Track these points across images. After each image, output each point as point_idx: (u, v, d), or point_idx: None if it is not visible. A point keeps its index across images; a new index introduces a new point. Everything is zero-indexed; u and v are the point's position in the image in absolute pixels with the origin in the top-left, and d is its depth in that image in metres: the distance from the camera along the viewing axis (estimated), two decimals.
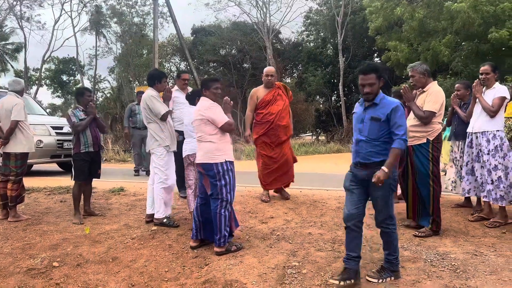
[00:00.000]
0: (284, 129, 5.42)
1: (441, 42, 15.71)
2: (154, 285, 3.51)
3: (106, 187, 6.69)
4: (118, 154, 15.18)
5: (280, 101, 5.41)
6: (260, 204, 5.46)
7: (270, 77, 5.40)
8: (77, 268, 3.83)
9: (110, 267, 3.84)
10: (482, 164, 4.38)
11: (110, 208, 5.66)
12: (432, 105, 4.12)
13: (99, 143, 5.18)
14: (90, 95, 5.24)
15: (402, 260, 3.60)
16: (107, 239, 4.45)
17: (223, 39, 29.56)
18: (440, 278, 3.26)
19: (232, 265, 3.70)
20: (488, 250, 3.73)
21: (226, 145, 3.99)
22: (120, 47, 32.86)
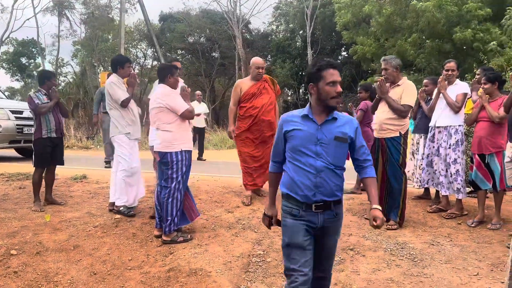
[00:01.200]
0: (268, 125, 5.03)
1: (406, 41, 16.10)
2: (117, 274, 3.46)
3: (68, 174, 6.49)
4: (80, 140, 14.77)
5: (265, 94, 5.05)
6: (227, 194, 5.46)
7: (261, 70, 5.02)
8: (37, 256, 3.71)
9: (71, 255, 3.76)
10: (441, 158, 4.54)
11: (72, 195, 5.51)
12: (411, 99, 4.22)
13: (62, 129, 5.04)
14: (54, 79, 5.07)
15: (363, 249, 3.73)
16: (68, 227, 4.34)
17: (192, 27, 29.13)
18: (399, 266, 3.39)
19: (197, 254, 3.71)
20: (445, 240, 3.91)
21: (184, 134, 3.98)
22: (84, 30, 31.79)
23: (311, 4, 24.44)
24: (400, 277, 3.19)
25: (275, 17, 31.14)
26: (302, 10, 25.71)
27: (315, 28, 25.77)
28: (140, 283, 3.31)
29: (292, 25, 29.29)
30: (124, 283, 3.32)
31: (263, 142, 5.08)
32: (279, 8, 30.48)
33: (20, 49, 34.74)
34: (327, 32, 26.87)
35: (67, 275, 3.43)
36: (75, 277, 3.41)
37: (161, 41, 29.54)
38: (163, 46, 30.23)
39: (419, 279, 3.16)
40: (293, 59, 28.16)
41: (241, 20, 27.35)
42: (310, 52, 24.99)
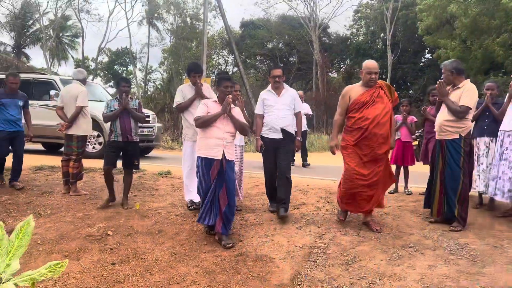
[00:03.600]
0: (381, 140, 4.22)
1: (494, 42, 15.21)
2: (194, 255, 3.94)
3: (155, 170, 7.26)
4: (166, 142, 16.05)
5: (379, 103, 4.23)
6: (295, 192, 5.78)
7: (375, 75, 4.26)
8: (128, 237, 4.35)
9: (156, 238, 4.33)
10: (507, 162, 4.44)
11: (157, 188, 6.20)
12: (469, 101, 4.23)
13: (130, 134, 5.13)
14: (126, 85, 5.17)
15: (423, 247, 3.85)
16: (154, 215, 4.96)
17: (271, 33, 29.89)
18: (456, 264, 3.48)
19: (263, 242, 4.09)
20: (509, 243, 3.87)
21: (203, 141, 4.13)
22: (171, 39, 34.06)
23: (391, 7, 23.89)
24: (456, 274, 3.29)
25: (355, 20, 30.83)
26: (382, 12, 25.21)
27: (396, 30, 25.09)
28: (213, 264, 3.75)
29: (372, 28, 28.80)
30: (200, 263, 3.78)
31: (373, 160, 4.26)
32: (359, 11, 30.12)
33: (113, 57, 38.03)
34: (409, 34, 26.02)
35: (153, 254, 3.98)
36: (159, 255, 3.95)
37: (241, 47, 30.71)
38: (243, 52, 31.40)
39: (475, 277, 3.23)
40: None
41: (319, 25, 27.45)
42: (390, 55, 24.40)
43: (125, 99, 5.07)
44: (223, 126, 4.13)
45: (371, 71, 4.25)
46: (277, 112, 4.84)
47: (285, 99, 4.90)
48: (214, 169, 4.08)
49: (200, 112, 4.13)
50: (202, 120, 4.08)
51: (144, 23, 33.37)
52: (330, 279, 3.38)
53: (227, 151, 4.13)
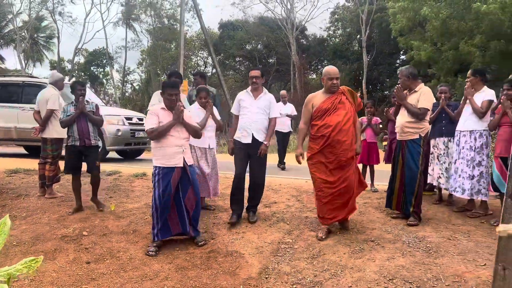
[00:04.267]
0: (345, 147, 4.17)
1: (467, 43, 15.72)
2: (167, 253, 4.10)
3: (131, 172, 7.36)
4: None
5: (341, 110, 4.20)
6: (267, 191, 5.98)
7: (336, 81, 4.24)
8: (103, 237, 4.47)
9: (130, 238, 4.47)
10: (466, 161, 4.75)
11: (133, 190, 6.31)
12: (427, 103, 4.51)
13: (88, 138, 5.10)
14: (81, 88, 5.14)
15: (383, 241, 4.10)
16: (129, 215, 5.09)
17: (250, 34, 30.10)
18: (413, 256, 3.73)
19: (234, 239, 4.28)
20: (463, 236, 4.16)
21: (160, 151, 4.09)
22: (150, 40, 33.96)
23: (366, 9, 24.40)
24: (411, 265, 3.54)
25: (332, 22, 31.30)
26: (358, 14, 25.72)
27: (372, 32, 25.63)
28: (185, 260, 3.93)
29: (349, 30, 29.29)
30: (172, 260, 3.95)
31: (339, 167, 4.21)
32: (336, 13, 30.61)
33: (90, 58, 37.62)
34: (384, 36, 26.55)
35: (127, 253, 4.12)
36: (133, 254, 4.09)
37: (220, 48, 30.83)
38: (222, 53, 31.52)
39: (428, 267, 3.49)
40: (351, 64, 28.16)
41: (296, 27, 27.80)
42: (366, 57, 24.90)
43: (81, 102, 5.02)
44: (178, 134, 4.14)
45: (332, 76, 4.24)
46: (251, 115, 4.75)
47: (261, 103, 4.81)
48: (176, 177, 4.08)
49: (152, 123, 4.06)
50: (158, 132, 4.03)
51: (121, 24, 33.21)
52: (295, 272, 3.59)
53: (186, 156, 4.19)
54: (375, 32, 25.99)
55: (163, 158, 4.09)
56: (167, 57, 31.75)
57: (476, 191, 4.66)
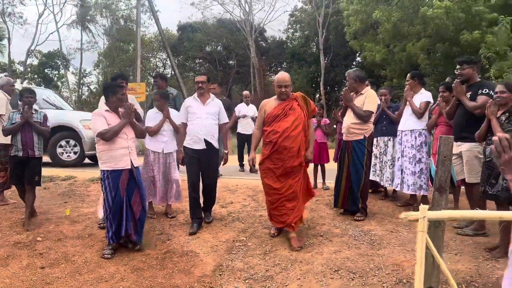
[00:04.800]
0: (291, 153, 4.13)
1: (414, 46, 16.51)
2: (123, 255, 4.15)
3: (86, 177, 7.30)
4: None
5: (291, 116, 4.17)
6: (224, 192, 6.13)
7: (285, 89, 4.20)
8: (58, 242, 4.46)
9: (86, 241, 4.48)
10: (407, 158, 5.09)
11: (88, 194, 6.27)
12: (371, 106, 4.80)
13: (32, 149, 4.89)
14: (29, 96, 4.94)
15: (332, 235, 4.34)
16: (84, 220, 5.08)
17: (209, 36, 30.12)
18: (358, 248, 3.99)
19: (190, 240, 4.40)
20: (404, 228, 4.47)
21: (108, 154, 4.05)
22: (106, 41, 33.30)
23: (322, 12, 25.00)
24: (356, 257, 3.79)
25: (291, 25, 31.83)
26: (315, 17, 26.30)
27: (329, 35, 26.29)
28: (140, 262, 4.00)
29: (307, 32, 29.89)
30: (128, 262, 4.01)
31: (286, 174, 4.19)
32: (294, 16, 31.16)
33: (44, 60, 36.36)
34: (340, 39, 27.30)
35: (82, 256, 4.14)
36: (88, 257, 4.12)
37: (179, 50, 30.67)
38: (181, 55, 31.37)
39: (371, 258, 3.75)
40: (309, 65, 28.76)
41: (255, 29, 28.09)
42: (323, 59, 25.52)
43: (27, 111, 4.81)
44: (125, 135, 4.15)
45: (281, 84, 4.21)
46: (200, 121, 4.68)
47: (210, 108, 4.77)
48: (124, 179, 4.11)
49: (103, 125, 4.03)
50: (112, 133, 4.01)
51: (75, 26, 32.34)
52: (248, 268, 3.76)
53: (133, 158, 4.21)
54: (331, 34, 26.67)
55: (110, 161, 4.07)
56: (124, 58, 31.23)
57: (418, 186, 5.00)
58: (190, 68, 33.51)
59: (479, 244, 3.98)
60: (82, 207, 5.60)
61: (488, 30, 13.30)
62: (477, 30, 13.71)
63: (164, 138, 5.10)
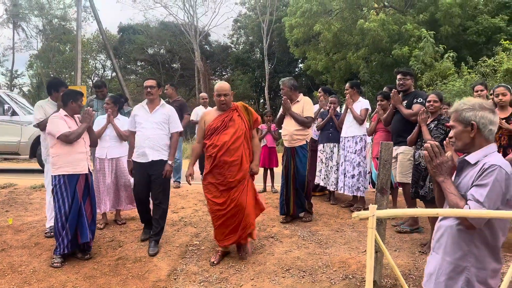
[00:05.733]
0: (233, 168, 3.92)
1: (354, 55, 17.37)
2: (73, 264, 4.07)
3: (28, 184, 7.00)
4: None
5: (231, 128, 3.96)
6: (175, 197, 6.15)
7: (224, 97, 3.98)
8: (2, 252, 4.28)
9: (33, 251, 4.34)
10: (349, 162, 5.43)
11: (31, 202, 6.03)
12: (311, 112, 5.05)
13: None
14: None
15: (282, 236, 4.54)
16: (29, 229, 4.90)
17: (152, 39, 29.62)
18: (307, 248, 4.22)
19: (142, 246, 4.41)
20: (348, 228, 4.79)
21: (63, 158, 4.00)
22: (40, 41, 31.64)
23: (267, 19, 25.48)
24: (305, 256, 4.01)
25: (235, 30, 32.10)
26: (259, 24, 26.74)
27: (273, 41, 26.85)
28: (92, 269, 3.96)
29: (251, 38, 30.29)
30: (79, 270, 3.95)
31: (228, 188, 3.97)
32: (238, 21, 31.47)
33: None
34: (284, 46, 27.96)
35: (30, 266, 4.02)
36: (36, 267, 4.00)
37: (120, 52, 29.88)
38: (122, 57, 30.57)
39: (319, 256, 3.99)
40: (253, 71, 29.16)
41: (199, 33, 28.05)
42: (267, 65, 26.02)
43: None
44: (83, 140, 4.14)
45: (220, 93, 3.99)
46: (145, 131, 4.33)
47: (157, 117, 4.39)
48: (81, 184, 4.07)
49: (64, 127, 3.98)
50: (76, 134, 3.99)
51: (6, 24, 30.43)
52: (202, 271, 3.86)
53: (89, 163, 4.22)
54: (275, 41, 27.25)
55: (68, 165, 4.01)
56: (60, 60, 29.85)
57: (356, 188, 5.36)
58: (132, 70, 32.76)
59: (415, 241, 4.36)
60: (25, 215, 5.38)
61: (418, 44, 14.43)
62: (407, 45, 14.81)
63: (107, 143, 5.00)
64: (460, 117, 1.97)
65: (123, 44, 30.35)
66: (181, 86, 32.05)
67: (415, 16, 15.88)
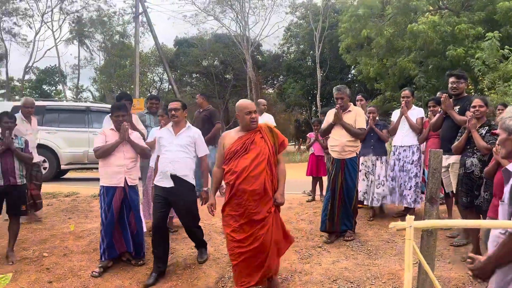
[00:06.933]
0: (255, 197, 3.38)
1: (406, 59, 16.88)
2: (128, 269, 4.29)
3: (89, 193, 7.43)
4: None
5: (252, 152, 3.44)
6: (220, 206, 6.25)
7: (255, 114, 3.52)
8: (64, 257, 4.59)
9: (91, 256, 4.61)
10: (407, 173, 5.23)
11: (91, 210, 6.40)
12: (364, 123, 4.83)
13: (14, 177, 4.50)
14: (9, 121, 4.57)
15: (330, 247, 4.49)
16: (89, 235, 5.21)
17: (205, 51, 30.48)
18: (355, 258, 4.15)
19: (192, 253, 4.54)
20: (400, 238, 4.62)
21: (103, 170, 4.28)
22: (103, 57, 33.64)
23: (319, 27, 25.39)
24: (353, 266, 3.94)
25: (286, 39, 32.28)
26: (310, 32, 26.71)
27: (324, 48, 26.70)
28: (145, 275, 4.13)
29: (302, 46, 30.31)
30: (133, 275, 4.15)
31: (250, 222, 3.41)
32: (290, 30, 31.63)
33: (42, 76, 36.61)
34: (335, 53, 27.67)
35: (88, 271, 4.27)
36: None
37: (176, 65, 31.01)
38: (178, 69, 31.70)
39: (368, 267, 3.90)
40: (304, 79, 29.11)
41: (251, 43, 28.47)
42: (320, 72, 25.88)
43: (8, 137, 4.47)
44: (122, 153, 4.26)
45: (250, 110, 3.49)
46: (169, 154, 4.08)
47: (181, 140, 4.13)
48: (118, 197, 4.22)
49: (99, 142, 4.23)
50: (102, 151, 4.20)
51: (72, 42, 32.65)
52: None
53: (129, 176, 4.29)
54: (326, 48, 27.08)
55: (105, 177, 4.24)
56: (121, 74, 31.55)
57: (413, 200, 5.17)
58: (187, 82, 33.85)
59: None
60: (85, 222, 5.72)
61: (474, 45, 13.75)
62: (462, 45, 14.16)
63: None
64: (504, 125, 1.92)
65: (179, 57, 31.47)
66: (233, 96, 32.65)
67: (470, 16, 15.17)
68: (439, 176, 3.22)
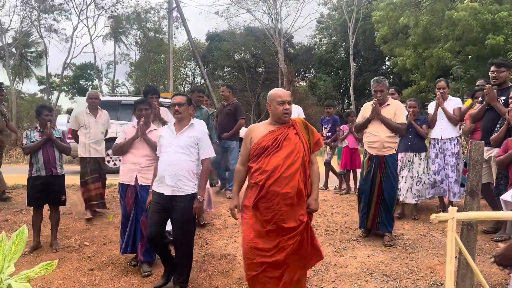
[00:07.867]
0: (287, 201, 2.92)
1: (442, 48, 16.35)
2: None
3: None
4: None
5: (285, 149, 2.98)
6: None
7: (289, 105, 3.05)
8: (104, 246, 4.75)
9: None
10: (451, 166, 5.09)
11: None
12: (404, 118, 4.54)
13: (55, 167, 4.68)
14: (48, 114, 4.70)
15: (365, 240, 4.44)
16: None
17: (237, 45, 30.58)
18: (391, 252, 4.08)
19: (227, 244, 4.60)
20: (438, 232, 4.53)
21: (121, 167, 4.24)
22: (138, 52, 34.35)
23: (353, 17, 24.94)
24: (389, 260, 3.89)
25: (318, 31, 31.91)
26: (343, 23, 26.28)
27: (357, 40, 26.23)
28: None
29: (334, 38, 29.89)
30: None
31: (280, 229, 2.93)
32: (322, 22, 31.23)
33: (79, 72, 37.76)
34: (369, 44, 27.15)
35: (127, 259, 4.40)
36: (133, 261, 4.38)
37: (208, 59, 31.29)
38: (210, 64, 31.97)
39: (404, 261, 3.84)
40: (337, 71, 28.73)
41: (283, 36, 28.30)
42: (353, 64, 25.46)
43: (49, 128, 4.61)
44: (137, 151, 4.13)
45: (284, 100, 3.03)
46: (166, 156, 3.60)
47: (182, 140, 3.60)
48: (129, 195, 4.12)
49: (120, 139, 4.19)
50: (118, 147, 4.16)
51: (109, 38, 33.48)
52: None
53: (141, 175, 4.08)
54: (359, 39, 26.58)
55: (121, 174, 4.21)
56: (155, 69, 32.14)
57: (459, 195, 5.03)
58: (219, 76, 34.10)
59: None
60: None
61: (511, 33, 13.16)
62: (501, 34, 13.56)
63: None
64: None
65: (211, 51, 31.74)
66: (265, 89, 32.65)
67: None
68: (480, 168, 3.12)
